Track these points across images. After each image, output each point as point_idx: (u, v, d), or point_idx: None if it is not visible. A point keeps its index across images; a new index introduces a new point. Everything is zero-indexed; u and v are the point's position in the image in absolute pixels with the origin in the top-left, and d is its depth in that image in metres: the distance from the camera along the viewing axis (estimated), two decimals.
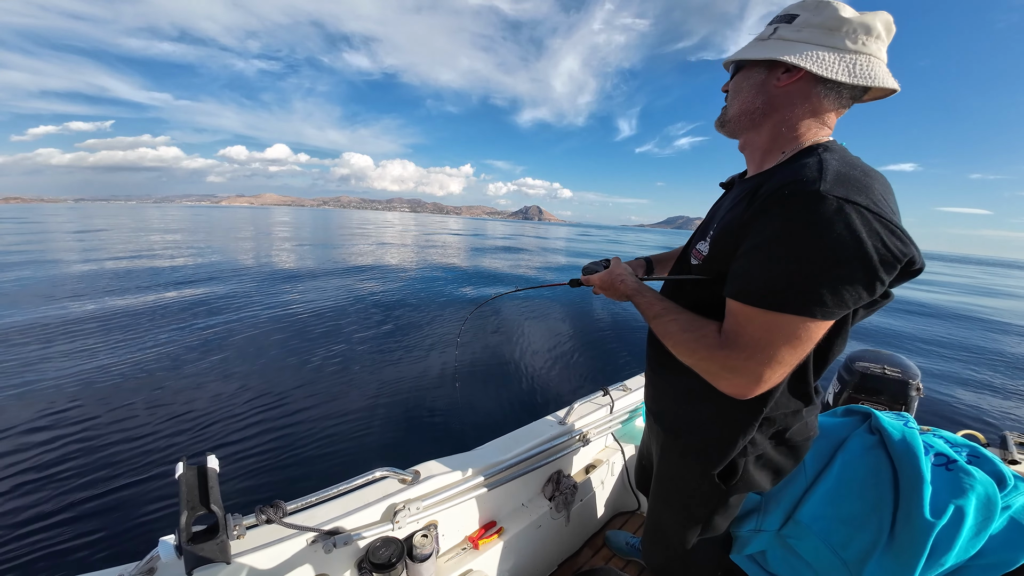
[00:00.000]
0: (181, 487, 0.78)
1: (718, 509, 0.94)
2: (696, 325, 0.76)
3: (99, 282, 9.59)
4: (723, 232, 0.77)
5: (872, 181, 0.63)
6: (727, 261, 0.73)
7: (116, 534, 2.47)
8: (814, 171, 0.63)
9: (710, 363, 0.71)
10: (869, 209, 0.59)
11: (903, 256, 0.60)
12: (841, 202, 0.59)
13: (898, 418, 1.03)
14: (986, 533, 0.81)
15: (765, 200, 0.66)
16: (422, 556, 1.13)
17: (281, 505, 0.97)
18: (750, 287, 0.65)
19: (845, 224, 0.58)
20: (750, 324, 0.66)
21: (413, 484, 1.22)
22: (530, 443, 1.48)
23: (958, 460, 0.89)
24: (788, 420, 0.84)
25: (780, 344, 0.64)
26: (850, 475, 0.94)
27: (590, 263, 1.10)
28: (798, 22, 0.73)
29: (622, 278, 0.95)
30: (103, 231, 23.18)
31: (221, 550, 0.78)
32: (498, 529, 1.44)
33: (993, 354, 7.49)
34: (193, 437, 3.46)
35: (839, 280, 0.59)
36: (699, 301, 0.82)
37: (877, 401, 1.88)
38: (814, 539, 0.91)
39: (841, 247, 0.58)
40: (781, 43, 0.73)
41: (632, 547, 1.73)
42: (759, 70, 0.76)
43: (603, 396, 1.83)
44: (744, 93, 0.79)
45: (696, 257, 0.86)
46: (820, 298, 0.60)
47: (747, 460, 0.85)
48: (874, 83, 0.69)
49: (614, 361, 6.02)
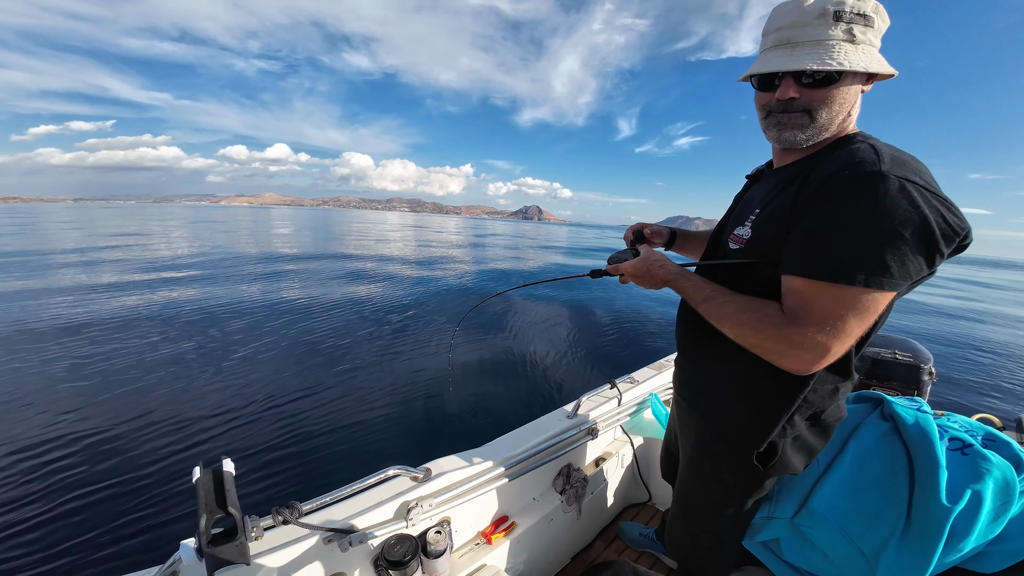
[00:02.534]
0: (199, 491, 0.79)
1: (752, 492, 0.95)
2: (756, 305, 0.75)
3: (110, 284, 9.70)
4: (769, 217, 0.79)
5: (919, 164, 0.67)
6: (775, 245, 0.75)
7: (138, 539, 2.52)
8: (871, 154, 0.66)
9: (777, 341, 0.70)
10: (927, 188, 0.63)
11: (961, 230, 0.63)
12: (903, 181, 0.62)
13: (911, 403, 1.02)
14: (1005, 517, 0.80)
15: (824, 181, 0.68)
16: (436, 552, 1.14)
17: (296, 506, 0.98)
18: (817, 263, 0.66)
19: (909, 200, 0.61)
20: (817, 299, 0.67)
21: (425, 481, 1.23)
22: (539, 437, 1.48)
23: (974, 444, 0.87)
24: (826, 401, 0.85)
25: (849, 316, 0.65)
26: (865, 462, 0.93)
27: (616, 252, 1.07)
28: (877, 26, 0.72)
29: (661, 263, 0.93)
30: (123, 236, 23.40)
31: (240, 552, 0.79)
32: (510, 524, 1.45)
33: (1005, 339, 7.40)
34: (208, 441, 3.51)
35: (906, 252, 0.62)
36: (737, 286, 0.82)
37: (889, 387, 1.86)
38: (829, 528, 0.91)
39: (907, 221, 0.61)
40: (874, 51, 0.73)
41: (646, 538, 1.73)
42: (858, 80, 0.74)
43: (611, 389, 1.83)
44: (843, 106, 0.75)
45: (736, 242, 0.86)
46: (888, 269, 0.62)
47: (785, 441, 0.87)
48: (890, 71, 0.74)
49: (620, 354, 6.02)
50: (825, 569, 0.94)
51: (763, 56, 0.78)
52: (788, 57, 0.73)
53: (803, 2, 0.72)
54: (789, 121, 0.77)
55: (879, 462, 0.92)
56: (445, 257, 17.78)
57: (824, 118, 0.75)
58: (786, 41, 0.74)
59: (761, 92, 0.81)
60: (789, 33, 0.73)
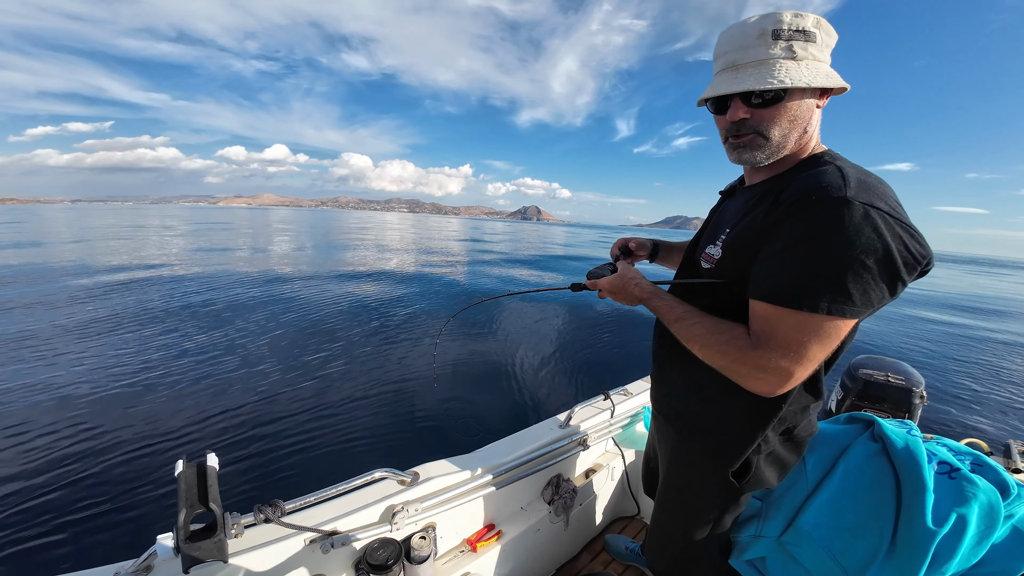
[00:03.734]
0: (180, 485, 0.79)
1: (728, 507, 0.96)
2: (724, 327, 0.76)
3: (99, 281, 9.65)
4: (738, 237, 0.79)
5: (886, 188, 0.67)
6: (743, 265, 0.76)
7: (113, 531, 2.48)
8: (837, 178, 0.66)
9: (741, 364, 0.72)
10: (890, 214, 0.63)
11: (922, 258, 0.64)
12: (867, 208, 0.62)
13: (901, 426, 1.03)
14: (988, 542, 0.80)
15: (791, 206, 0.68)
16: (420, 558, 1.13)
17: (280, 504, 0.97)
18: (781, 289, 0.67)
19: (873, 228, 0.62)
20: (781, 324, 0.68)
21: (412, 485, 1.22)
22: (530, 446, 1.48)
23: (961, 468, 0.88)
24: (797, 417, 0.87)
25: (811, 343, 0.66)
26: (852, 482, 0.93)
27: (595, 268, 1.09)
28: (819, 42, 0.72)
29: (635, 282, 0.94)
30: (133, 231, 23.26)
31: (219, 549, 0.78)
32: (497, 532, 1.43)
33: (997, 364, 7.43)
34: (193, 436, 3.47)
35: (868, 280, 0.62)
36: (710, 305, 0.83)
37: (880, 409, 1.86)
38: (815, 546, 0.90)
39: (871, 250, 0.61)
40: (821, 65, 0.72)
41: (631, 552, 1.71)
42: (812, 93, 0.74)
43: (604, 400, 1.82)
44: (796, 124, 0.75)
45: (707, 261, 0.87)
46: (850, 297, 0.63)
47: (759, 457, 0.88)
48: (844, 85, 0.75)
49: (615, 365, 6.00)
50: None
51: (714, 80, 0.80)
52: (733, 80, 0.74)
53: (744, 24, 0.73)
54: (744, 143, 0.78)
55: (867, 483, 0.92)
56: (443, 259, 17.78)
57: (777, 136, 0.75)
58: (732, 64, 0.75)
59: (717, 116, 0.82)
60: (734, 56, 0.74)
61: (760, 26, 0.71)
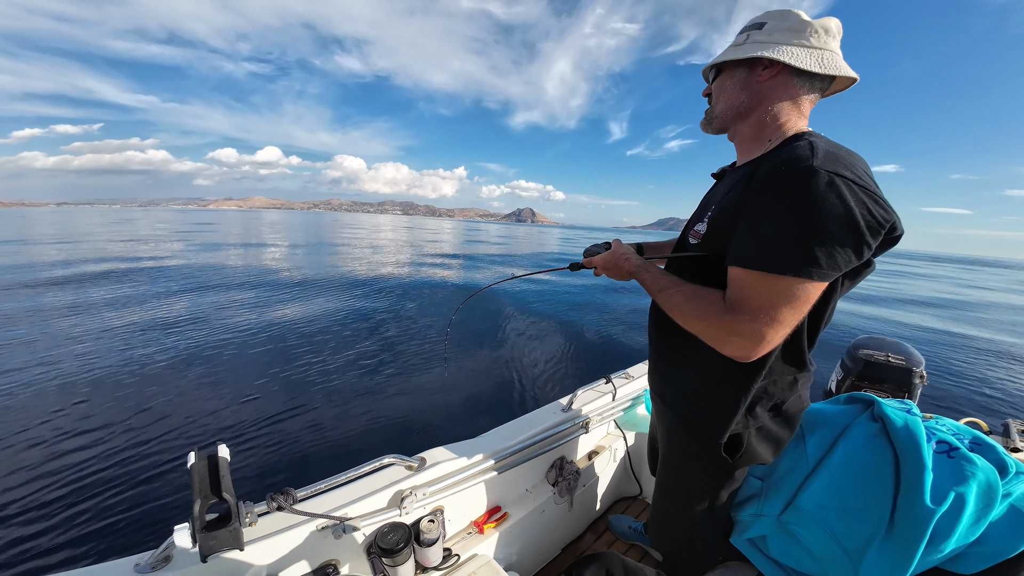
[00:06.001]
0: (193, 476, 0.80)
1: (724, 483, 0.99)
2: (701, 294, 0.81)
3: (111, 276, 9.64)
4: (721, 213, 0.84)
5: (855, 159, 0.71)
6: (725, 238, 0.80)
7: (132, 523, 2.53)
8: (806, 151, 0.70)
9: (717, 328, 0.76)
10: (854, 182, 0.66)
11: (886, 222, 0.67)
12: (831, 175, 0.66)
13: (901, 405, 1.03)
14: (986, 520, 0.82)
15: (763, 179, 0.72)
16: (429, 541, 1.16)
17: (291, 492, 0.99)
18: (752, 254, 0.72)
19: (836, 194, 0.65)
20: (752, 288, 0.72)
21: (420, 471, 1.24)
22: (534, 430, 1.50)
23: (960, 448, 0.89)
24: (785, 393, 0.90)
25: (781, 305, 0.70)
26: (852, 462, 0.94)
27: (591, 246, 1.14)
28: (768, 28, 0.82)
29: (626, 256, 1.00)
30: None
31: (234, 537, 0.80)
32: (503, 514, 1.47)
33: (996, 344, 7.46)
34: (204, 427, 3.52)
35: (832, 244, 0.66)
36: (698, 279, 0.88)
37: (880, 389, 1.88)
38: (815, 526, 0.92)
39: (834, 215, 0.65)
40: (757, 44, 0.82)
41: (635, 531, 1.76)
42: (741, 69, 0.86)
43: (605, 384, 1.84)
44: (729, 91, 0.88)
45: (695, 237, 0.92)
46: (816, 260, 0.67)
47: (749, 433, 0.92)
48: (839, 72, 0.79)
49: (616, 349, 6.05)
50: (809, 566, 0.96)
51: None
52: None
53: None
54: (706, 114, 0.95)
55: (867, 462, 0.93)
56: (442, 253, 17.71)
57: (717, 104, 0.91)
58: None
59: None
60: None
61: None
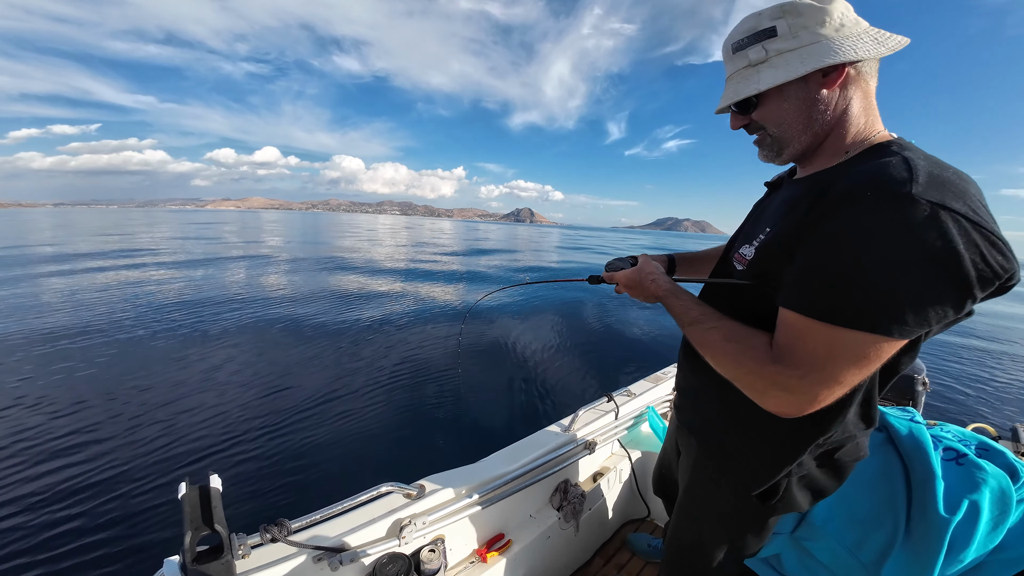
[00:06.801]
0: (184, 507, 0.78)
1: (752, 529, 0.89)
2: (742, 335, 0.68)
3: (94, 292, 9.60)
4: (775, 237, 0.70)
5: (968, 185, 0.56)
6: (777, 269, 0.67)
7: (121, 554, 2.44)
8: (902, 171, 0.55)
9: (756, 378, 0.64)
10: (967, 217, 0.52)
11: (1004, 273, 0.53)
12: (936, 208, 0.52)
13: (904, 413, 1.03)
14: (1004, 527, 0.80)
15: (840, 200, 0.58)
16: (430, 571, 1.12)
17: (285, 523, 0.96)
18: (813, 297, 0.58)
19: (940, 233, 0.51)
20: (809, 338, 0.58)
21: (418, 498, 1.20)
22: (535, 453, 1.47)
23: (968, 454, 0.88)
24: (842, 440, 0.77)
25: (843, 363, 0.57)
26: (861, 474, 0.92)
27: (614, 259, 1.05)
28: (786, 31, 0.66)
29: (653, 277, 0.88)
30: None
31: (226, 570, 0.77)
32: (506, 542, 1.42)
33: (999, 348, 7.45)
34: (194, 455, 3.43)
35: (926, 296, 0.52)
36: (739, 312, 0.74)
37: (883, 397, 1.86)
38: (829, 541, 0.90)
39: (934, 260, 0.51)
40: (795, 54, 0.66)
41: (654, 548, 1.71)
42: (794, 86, 0.68)
43: (607, 402, 1.82)
44: (794, 114, 0.70)
45: (740, 262, 0.78)
46: (900, 316, 0.53)
47: (791, 480, 0.79)
48: (899, 44, 0.66)
49: (617, 366, 6.00)
50: None
51: None
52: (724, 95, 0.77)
53: (726, 43, 0.75)
54: (758, 141, 0.77)
55: (876, 473, 0.92)
56: (441, 260, 17.79)
57: (778, 132, 0.72)
58: (727, 76, 0.77)
59: None
60: (726, 69, 0.77)
61: (728, 42, 0.73)
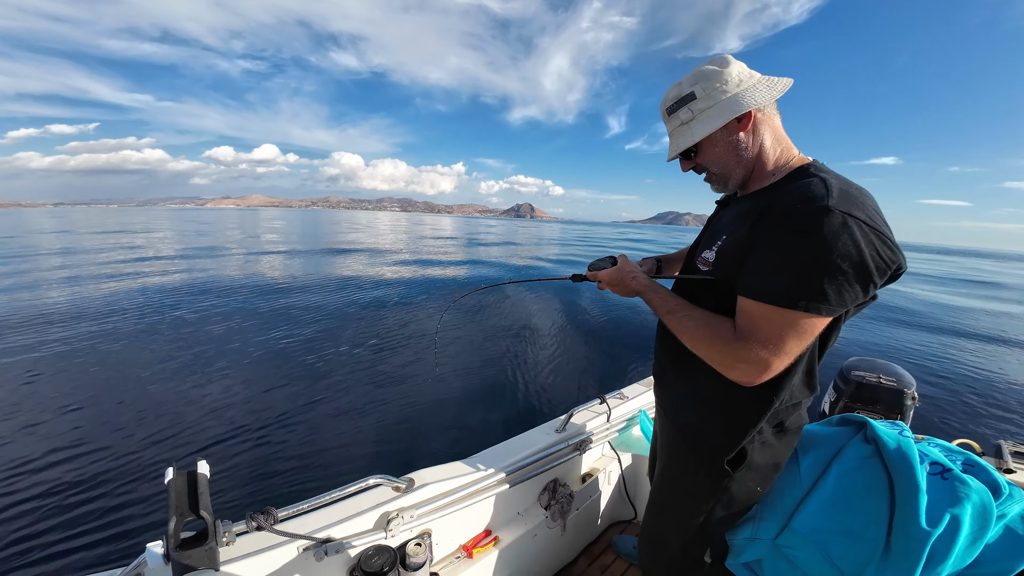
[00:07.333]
0: (170, 493, 0.77)
1: (722, 499, 0.98)
2: (712, 321, 0.84)
3: (88, 281, 9.53)
4: (731, 244, 0.87)
5: (866, 198, 0.75)
6: (735, 269, 0.83)
7: (103, 539, 2.42)
8: (821, 189, 0.73)
9: (725, 355, 0.80)
10: (867, 223, 0.70)
11: (893, 263, 0.72)
12: (845, 216, 0.69)
13: (893, 427, 1.03)
14: (982, 542, 0.81)
15: (779, 215, 0.76)
16: (415, 565, 1.12)
17: (272, 512, 0.95)
18: (766, 288, 0.75)
19: (849, 235, 0.69)
20: (763, 320, 0.76)
21: (407, 492, 1.20)
22: (526, 451, 1.47)
23: (953, 469, 0.88)
24: (790, 411, 0.93)
25: (789, 337, 0.74)
26: (846, 485, 0.94)
27: (596, 260, 1.15)
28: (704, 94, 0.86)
29: (633, 275, 1.01)
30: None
31: (210, 557, 0.77)
32: (493, 538, 1.42)
33: (988, 365, 7.53)
34: (183, 442, 3.41)
35: (842, 282, 0.70)
36: (703, 303, 0.90)
37: (873, 410, 1.88)
38: (811, 550, 0.90)
39: (845, 254, 0.69)
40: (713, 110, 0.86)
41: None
42: (720, 135, 0.88)
43: (600, 404, 1.82)
44: (725, 155, 0.89)
45: (703, 264, 0.95)
46: (825, 297, 0.71)
47: (753, 447, 0.93)
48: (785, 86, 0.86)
49: (611, 369, 6.01)
50: None
51: None
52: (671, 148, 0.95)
53: (662, 108, 0.93)
54: (708, 180, 0.97)
55: (861, 485, 0.93)
56: (435, 255, 17.75)
57: (719, 170, 0.92)
58: (669, 133, 0.95)
59: None
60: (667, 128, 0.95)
61: (663, 107, 0.92)
